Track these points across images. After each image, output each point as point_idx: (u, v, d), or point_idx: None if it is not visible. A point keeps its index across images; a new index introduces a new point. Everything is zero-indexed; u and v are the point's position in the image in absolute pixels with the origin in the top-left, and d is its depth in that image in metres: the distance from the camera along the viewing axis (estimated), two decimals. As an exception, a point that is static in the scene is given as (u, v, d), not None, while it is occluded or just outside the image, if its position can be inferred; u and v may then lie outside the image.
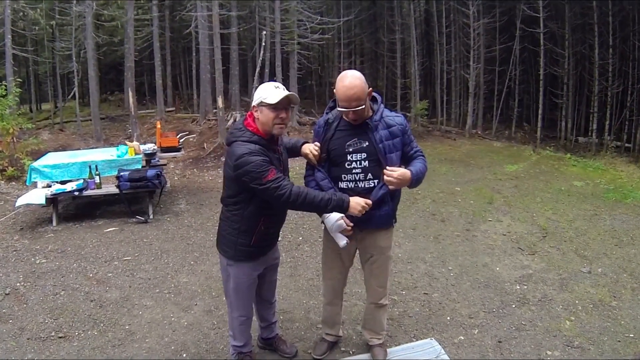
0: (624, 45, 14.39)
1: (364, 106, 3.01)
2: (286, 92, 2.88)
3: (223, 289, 3.37)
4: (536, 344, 3.92)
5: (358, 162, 3.13)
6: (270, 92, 2.87)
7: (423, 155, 3.29)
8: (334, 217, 3.10)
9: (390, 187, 3.05)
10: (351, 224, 3.11)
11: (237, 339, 3.40)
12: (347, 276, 3.61)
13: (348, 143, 3.14)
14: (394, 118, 3.20)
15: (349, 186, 3.16)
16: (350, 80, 2.96)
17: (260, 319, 3.68)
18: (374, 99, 3.23)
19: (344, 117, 3.17)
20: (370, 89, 3.07)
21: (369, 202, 2.97)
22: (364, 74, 3.06)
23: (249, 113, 3.02)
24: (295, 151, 3.35)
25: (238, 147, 2.85)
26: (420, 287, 4.97)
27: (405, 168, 3.11)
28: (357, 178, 3.15)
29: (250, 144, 2.86)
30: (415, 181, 3.09)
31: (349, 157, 3.14)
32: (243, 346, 3.43)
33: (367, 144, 3.11)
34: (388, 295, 3.61)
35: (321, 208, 2.95)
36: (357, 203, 2.93)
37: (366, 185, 3.14)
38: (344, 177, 3.17)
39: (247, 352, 3.47)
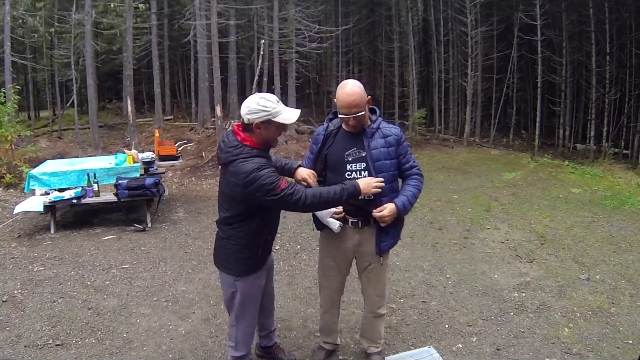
0: (621, 53, 14.48)
1: (363, 112, 3.06)
2: (298, 113, 2.92)
3: (225, 304, 3.29)
4: (535, 352, 3.91)
5: (358, 172, 3.14)
6: (280, 109, 2.84)
7: (419, 173, 3.31)
8: None
9: (384, 224, 3.15)
10: (340, 207, 3.14)
11: (239, 350, 3.32)
12: (344, 285, 3.60)
13: (347, 152, 3.16)
14: (391, 129, 3.24)
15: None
16: (351, 87, 3.03)
17: (260, 328, 3.64)
18: (372, 110, 3.27)
19: (344, 126, 3.21)
20: (369, 97, 3.11)
21: (380, 179, 3.04)
22: (362, 83, 3.12)
23: (236, 127, 2.94)
24: (286, 174, 3.32)
25: (243, 165, 2.78)
26: (418, 295, 4.96)
27: (394, 199, 3.15)
28: None
29: (255, 159, 2.80)
30: (404, 212, 3.18)
31: (348, 167, 3.16)
32: (244, 356, 3.39)
33: (365, 153, 3.14)
34: (386, 305, 3.60)
35: (337, 201, 2.96)
36: (368, 184, 2.99)
37: (366, 197, 3.12)
38: None
39: None
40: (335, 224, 3.18)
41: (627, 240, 6.62)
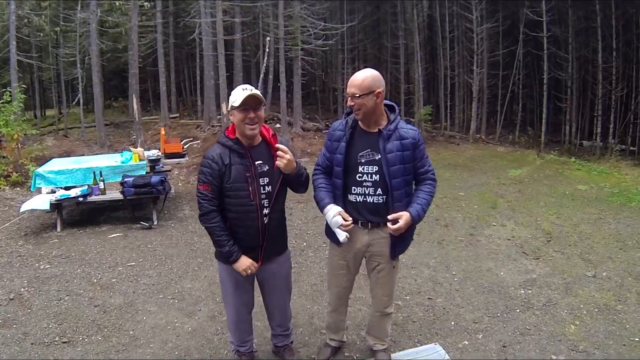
0: (628, 49, 14.41)
1: (361, 98, 2.95)
2: (248, 92, 2.88)
3: None
4: (541, 349, 3.90)
5: (369, 175, 3.08)
6: (236, 95, 2.90)
7: (433, 178, 3.22)
8: (332, 212, 3.08)
9: (398, 234, 3.07)
10: (349, 219, 3.07)
11: (232, 336, 3.49)
12: (353, 284, 3.57)
13: (360, 154, 3.09)
14: (408, 131, 3.11)
15: (357, 200, 3.13)
16: (363, 71, 3.03)
17: (269, 323, 3.67)
18: (391, 109, 3.18)
19: (360, 123, 3.13)
20: (379, 90, 2.97)
21: (256, 265, 3.09)
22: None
23: None
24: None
25: (210, 148, 3.10)
26: (424, 292, 4.95)
27: (409, 208, 3.07)
28: (367, 192, 3.11)
29: (216, 146, 3.03)
30: (418, 221, 3.13)
31: (360, 169, 3.09)
32: (240, 345, 3.44)
33: (379, 156, 3.05)
34: (393, 304, 3.59)
35: (215, 244, 3.09)
36: (243, 264, 3.04)
37: (375, 201, 3.10)
38: (354, 190, 3.13)
39: (244, 352, 3.46)
40: (341, 235, 3.06)
41: (634, 237, 6.58)
